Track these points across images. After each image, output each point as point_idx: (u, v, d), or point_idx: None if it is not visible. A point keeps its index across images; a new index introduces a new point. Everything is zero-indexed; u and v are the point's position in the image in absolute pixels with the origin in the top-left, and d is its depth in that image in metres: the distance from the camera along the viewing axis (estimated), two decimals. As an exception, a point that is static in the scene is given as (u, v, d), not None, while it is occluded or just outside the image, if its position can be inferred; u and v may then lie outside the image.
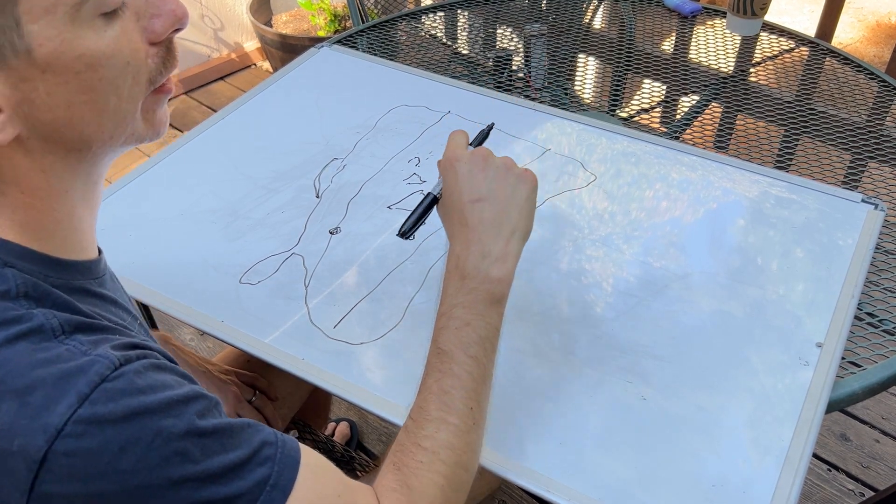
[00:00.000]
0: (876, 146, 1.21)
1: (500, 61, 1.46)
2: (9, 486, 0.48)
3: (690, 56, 1.49)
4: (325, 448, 1.05)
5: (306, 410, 1.17)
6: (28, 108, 0.50)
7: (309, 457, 0.57)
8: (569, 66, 1.47)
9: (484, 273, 0.67)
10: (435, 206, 0.72)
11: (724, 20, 1.55)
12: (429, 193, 0.73)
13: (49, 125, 0.51)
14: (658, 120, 1.40)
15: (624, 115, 1.38)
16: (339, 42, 1.45)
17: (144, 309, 1.18)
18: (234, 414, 0.89)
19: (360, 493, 0.60)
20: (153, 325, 1.20)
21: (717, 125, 1.39)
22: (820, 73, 1.44)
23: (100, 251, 0.63)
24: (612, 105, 1.41)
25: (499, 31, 1.63)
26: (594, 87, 1.51)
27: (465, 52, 1.63)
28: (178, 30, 0.55)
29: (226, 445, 0.53)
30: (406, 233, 0.71)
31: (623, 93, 1.47)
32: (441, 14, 1.67)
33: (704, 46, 1.50)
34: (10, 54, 0.48)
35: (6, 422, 0.47)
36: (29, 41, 0.48)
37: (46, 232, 0.55)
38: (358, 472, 1.07)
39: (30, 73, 0.49)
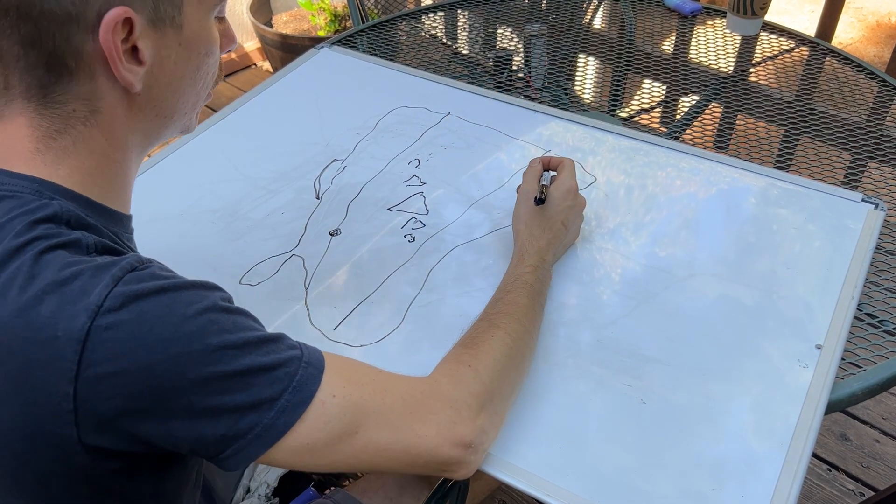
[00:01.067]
0: (876, 146, 1.21)
1: (500, 61, 1.46)
2: (56, 376, 0.51)
3: (690, 56, 1.49)
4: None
5: None
6: (158, 70, 0.61)
7: (333, 354, 0.63)
8: (569, 66, 1.47)
9: (550, 269, 0.89)
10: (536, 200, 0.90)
11: (724, 20, 1.55)
12: (545, 185, 0.91)
13: (162, 88, 0.62)
14: (658, 120, 1.40)
15: (624, 115, 1.38)
16: (339, 42, 1.45)
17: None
18: None
19: (399, 379, 0.65)
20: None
21: (717, 125, 1.39)
22: (820, 73, 1.44)
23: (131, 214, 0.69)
24: (612, 105, 1.41)
25: (499, 31, 1.63)
26: (594, 87, 1.51)
27: (465, 52, 1.63)
28: (229, 50, 0.70)
29: (252, 325, 0.58)
30: (543, 199, 0.89)
31: (623, 93, 1.47)
32: (441, 14, 1.67)
33: (704, 46, 1.50)
34: (168, 24, 0.60)
35: (50, 311, 0.51)
36: (183, 19, 0.61)
37: (103, 179, 0.62)
38: (359, 474, 1.07)
39: (172, 42, 0.61)
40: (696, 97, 1.41)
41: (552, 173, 0.94)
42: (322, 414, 0.58)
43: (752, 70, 1.46)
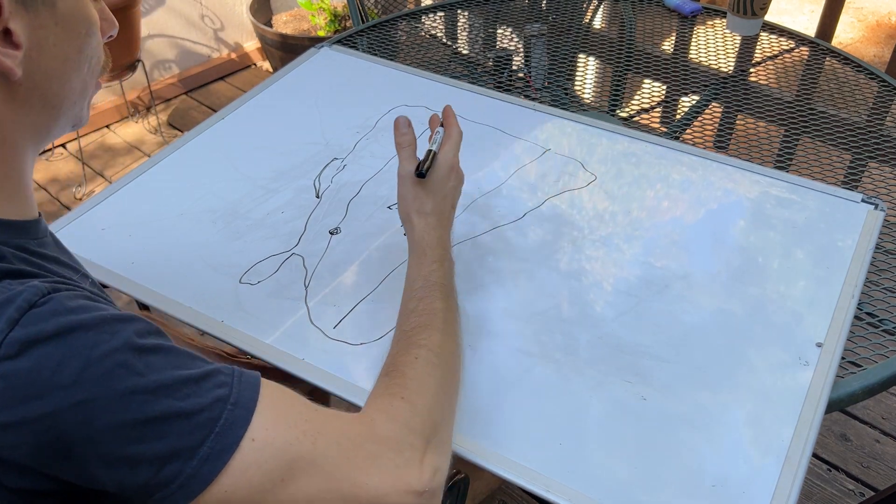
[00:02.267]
0: (876, 146, 1.21)
1: (500, 61, 1.46)
2: None
3: (690, 56, 1.49)
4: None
5: None
6: (36, 53, 0.55)
7: (270, 385, 0.57)
8: (569, 66, 1.47)
9: (452, 261, 0.82)
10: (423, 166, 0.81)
11: (724, 20, 1.55)
12: (433, 151, 0.83)
13: (45, 73, 0.57)
14: (658, 120, 1.40)
15: (624, 115, 1.38)
16: (339, 42, 1.45)
17: (144, 309, 1.18)
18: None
19: (334, 418, 0.59)
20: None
21: (717, 125, 1.39)
22: (820, 73, 1.44)
23: (40, 215, 0.63)
24: (612, 105, 1.41)
25: (499, 31, 1.63)
26: (594, 87, 1.51)
27: (465, 52, 1.63)
28: (111, 36, 0.65)
29: (173, 363, 0.53)
30: (426, 174, 0.80)
31: (623, 93, 1.47)
32: (441, 14, 1.67)
33: (704, 46, 1.50)
34: (40, 3, 0.55)
35: None
36: None
37: None
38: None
39: (48, 22, 0.56)
40: (696, 97, 1.41)
41: (440, 135, 0.85)
42: (250, 461, 0.53)
43: (752, 70, 1.46)
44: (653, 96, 1.42)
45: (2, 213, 0.57)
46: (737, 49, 1.49)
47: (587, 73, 1.52)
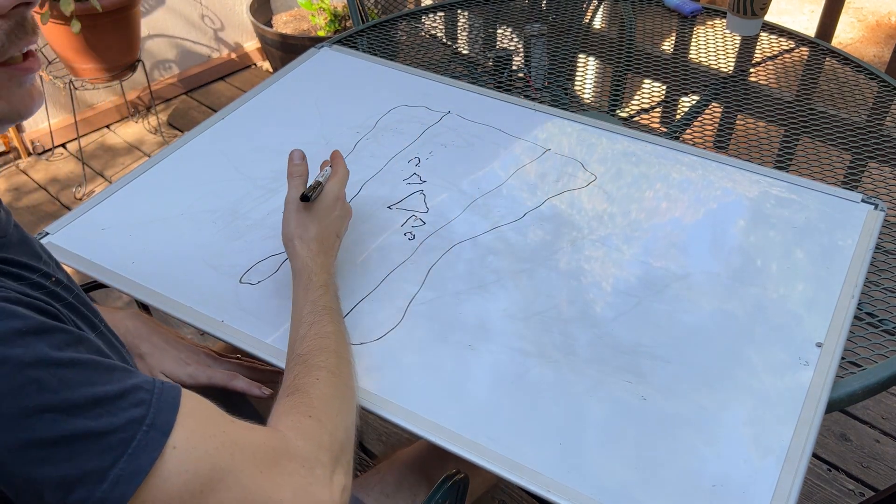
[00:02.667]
0: (876, 146, 1.21)
1: (500, 61, 1.46)
2: None
3: (690, 56, 1.49)
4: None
5: None
6: None
7: (191, 400, 0.56)
8: (569, 66, 1.47)
9: (336, 287, 0.83)
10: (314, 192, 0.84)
11: (724, 20, 1.55)
12: (319, 182, 0.86)
13: None
14: (658, 120, 1.40)
15: (624, 115, 1.38)
16: (339, 42, 1.45)
17: (144, 309, 1.18)
18: (203, 369, 0.88)
19: (250, 432, 0.59)
20: (147, 313, 1.19)
21: (717, 125, 1.39)
22: (820, 73, 1.44)
23: (8, 213, 0.61)
24: (612, 105, 1.41)
25: (499, 31, 1.63)
26: (594, 87, 1.51)
27: (465, 52, 1.63)
28: (26, 4, 0.54)
29: (90, 379, 0.51)
30: (310, 199, 0.84)
31: (623, 93, 1.47)
32: (441, 14, 1.67)
33: (704, 46, 1.50)
34: None
35: None
36: None
37: None
38: (357, 472, 1.07)
39: None
40: (696, 97, 1.41)
41: (327, 172, 0.90)
42: (168, 472, 0.52)
43: (752, 70, 1.46)
44: (653, 96, 1.42)
45: None
46: (737, 49, 1.49)
47: (587, 73, 1.52)
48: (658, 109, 1.42)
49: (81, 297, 0.64)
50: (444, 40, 1.65)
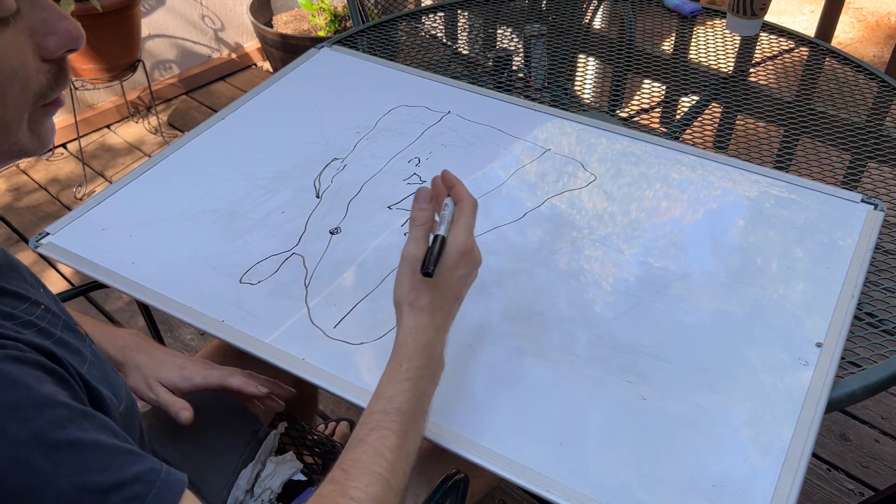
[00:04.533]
0: (876, 146, 1.21)
1: (500, 61, 1.47)
2: None
3: (690, 56, 1.49)
4: (325, 447, 1.05)
5: (293, 405, 1.16)
6: None
7: (190, 499, 0.53)
8: (569, 66, 1.47)
9: (442, 362, 0.72)
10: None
11: (724, 20, 1.55)
12: (443, 236, 0.72)
13: None
14: (658, 120, 1.40)
15: (624, 115, 1.38)
16: (339, 42, 1.45)
17: (144, 308, 1.18)
18: (213, 374, 0.87)
19: None
20: (151, 321, 1.19)
21: (717, 125, 1.39)
22: (820, 73, 1.44)
23: None
24: (612, 105, 1.41)
25: (499, 31, 1.63)
26: (594, 87, 1.51)
27: (465, 52, 1.63)
28: (71, 50, 0.54)
29: (86, 464, 0.48)
30: (432, 272, 0.70)
31: (623, 93, 1.47)
32: (441, 14, 1.67)
33: (704, 46, 1.50)
34: None
35: None
36: None
37: None
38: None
39: None
40: (696, 97, 1.41)
41: (450, 210, 0.74)
42: None
43: (751, 70, 1.46)
44: (653, 96, 1.42)
45: None
46: (736, 49, 1.49)
47: (587, 73, 1.52)
48: (658, 109, 1.42)
49: (69, 324, 0.63)
50: (444, 40, 1.65)
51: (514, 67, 1.47)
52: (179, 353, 0.91)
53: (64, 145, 2.58)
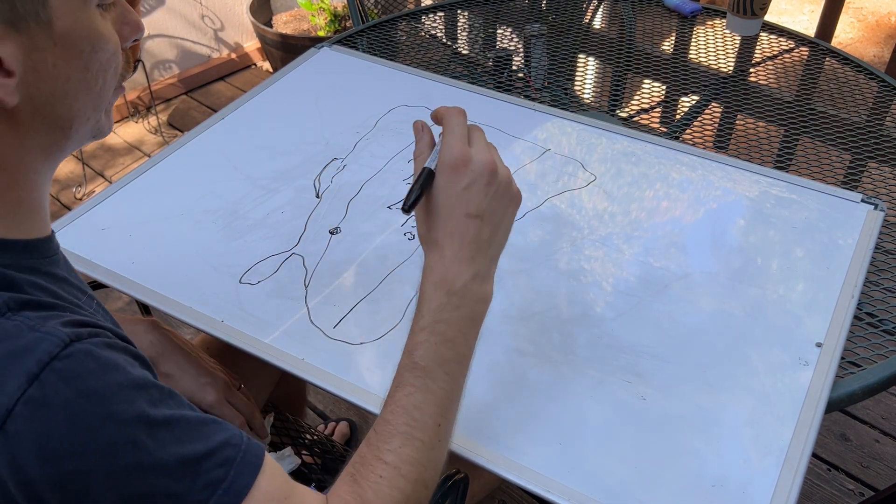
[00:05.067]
0: (876, 146, 1.21)
1: (500, 61, 1.46)
2: None
3: (690, 56, 1.49)
4: (324, 447, 1.05)
5: (281, 398, 1.16)
6: (33, 77, 0.52)
7: (270, 465, 0.57)
8: (569, 66, 1.47)
9: (472, 293, 0.65)
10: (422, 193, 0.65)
11: (724, 20, 1.55)
12: (427, 168, 0.65)
13: (46, 96, 0.53)
14: (658, 120, 1.40)
15: (624, 115, 1.38)
16: (339, 42, 1.45)
17: (144, 308, 1.18)
18: (224, 401, 0.88)
19: (310, 500, 0.59)
20: (147, 313, 1.19)
21: (717, 125, 1.39)
22: (820, 73, 1.44)
23: (53, 232, 0.63)
24: (612, 105, 1.41)
25: (499, 31, 1.63)
26: (594, 87, 1.51)
27: (465, 52, 1.63)
28: (136, 40, 0.60)
29: (181, 437, 0.52)
30: (411, 208, 0.64)
31: (623, 93, 1.47)
32: (441, 14, 1.67)
33: (704, 46, 1.50)
34: (32, 23, 0.50)
35: None
36: (50, 13, 0.51)
37: (6, 210, 0.55)
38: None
39: (44, 43, 0.51)
40: (696, 97, 1.41)
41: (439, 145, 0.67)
42: None
43: (752, 70, 1.46)
44: (653, 96, 1.42)
45: (16, 233, 0.56)
46: (737, 49, 1.49)
47: (587, 73, 1.52)
48: (658, 109, 1.42)
49: (111, 317, 0.65)
50: (444, 40, 1.65)
51: (514, 67, 1.47)
52: (198, 355, 0.90)
53: (64, 145, 2.58)
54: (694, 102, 1.40)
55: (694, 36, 1.54)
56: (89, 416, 0.48)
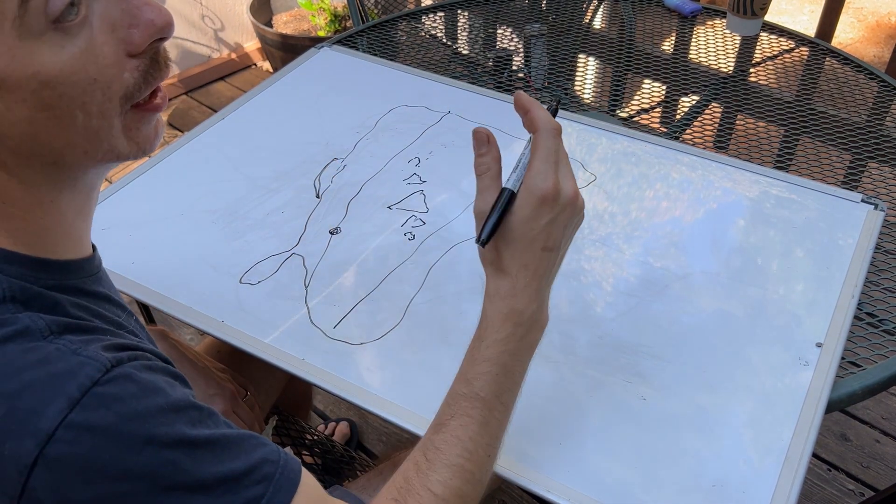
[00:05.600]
0: (876, 146, 1.21)
1: (500, 61, 1.47)
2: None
3: (690, 56, 1.49)
4: (324, 447, 1.05)
5: (287, 401, 1.16)
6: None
7: (308, 480, 0.57)
8: (569, 66, 1.47)
9: (537, 321, 0.64)
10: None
11: (724, 20, 1.55)
12: (509, 191, 0.61)
13: (16, 139, 0.49)
14: (658, 120, 1.40)
15: (624, 115, 1.38)
16: (339, 42, 1.45)
17: (144, 308, 1.18)
18: (231, 412, 0.89)
19: None
20: (151, 321, 1.19)
21: (717, 125, 1.39)
22: (820, 73, 1.44)
23: (94, 248, 0.62)
24: (612, 105, 1.41)
25: (499, 31, 1.63)
26: (594, 87, 1.51)
27: (465, 52, 1.63)
28: (161, 39, 0.52)
29: (220, 457, 0.52)
30: (487, 240, 0.60)
31: (623, 93, 1.47)
32: (441, 14, 1.67)
33: (704, 46, 1.50)
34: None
35: None
36: None
37: (36, 237, 0.54)
38: (358, 472, 1.07)
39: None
40: (696, 97, 1.41)
41: (526, 157, 0.63)
42: None
43: (752, 70, 1.46)
44: (653, 96, 1.42)
45: (54, 254, 0.55)
46: (737, 49, 1.49)
47: (587, 73, 1.52)
48: (658, 109, 1.42)
49: (146, 333, 0.65)
50: (444, 40, 1.65)
51: (514, 67, 1.47)
52: (204, 364, 0.90)
53: (64, 145, 2.58)
54: (694, 102, 1.40)
55: (694, 36, 1.54)
56: (130, 440, 0.48)
